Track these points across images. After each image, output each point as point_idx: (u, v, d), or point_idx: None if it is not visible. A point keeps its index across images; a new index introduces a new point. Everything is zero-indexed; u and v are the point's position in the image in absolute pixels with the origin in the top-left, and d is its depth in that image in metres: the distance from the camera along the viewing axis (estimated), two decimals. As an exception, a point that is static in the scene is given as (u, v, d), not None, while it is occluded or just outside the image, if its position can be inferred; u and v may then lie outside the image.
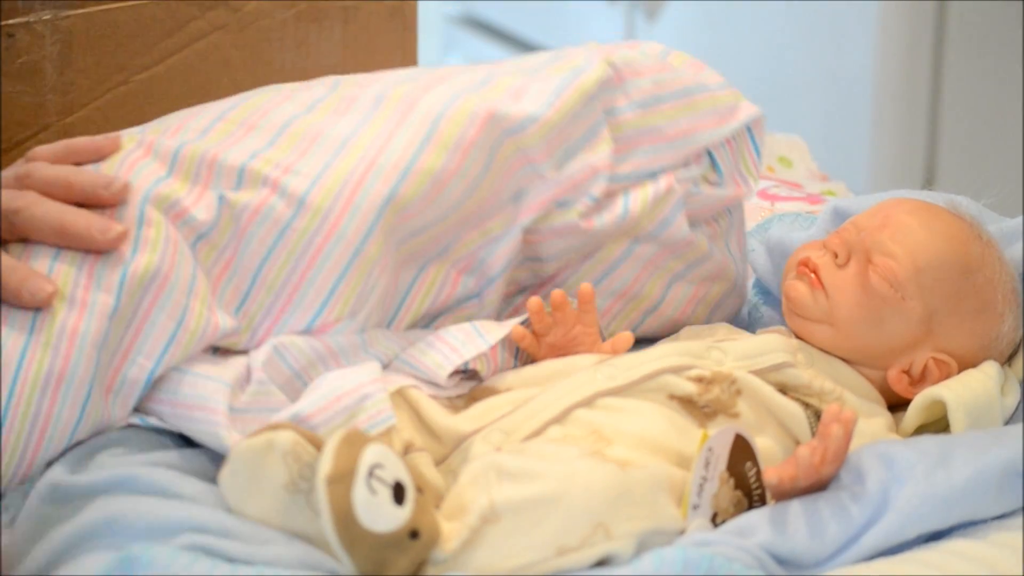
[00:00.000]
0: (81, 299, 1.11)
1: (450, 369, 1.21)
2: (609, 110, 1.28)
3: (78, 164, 1.19)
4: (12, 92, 1.44)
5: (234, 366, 1.16)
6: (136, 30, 1.50)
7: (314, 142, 1.21)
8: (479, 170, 1.22)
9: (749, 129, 1.33)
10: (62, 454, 1.12)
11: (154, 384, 1.15)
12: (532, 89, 1.26)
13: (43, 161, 1.18)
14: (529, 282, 1.32)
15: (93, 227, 1.13)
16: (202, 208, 1.17)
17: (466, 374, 1.24)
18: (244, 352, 1.19)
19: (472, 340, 1.23)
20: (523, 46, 3.42)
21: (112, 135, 1.21)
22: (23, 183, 1.15)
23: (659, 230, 1.30)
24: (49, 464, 1.11)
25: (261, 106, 1.25)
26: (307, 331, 1.19)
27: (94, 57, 1.48)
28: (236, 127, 1.23)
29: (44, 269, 1.12)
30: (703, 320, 1.38)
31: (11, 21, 1.42)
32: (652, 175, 1.30)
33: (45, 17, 1.43)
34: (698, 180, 1.32)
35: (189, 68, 1.54)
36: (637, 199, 1.29)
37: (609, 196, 1.29)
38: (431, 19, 3.38)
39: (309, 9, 1.59)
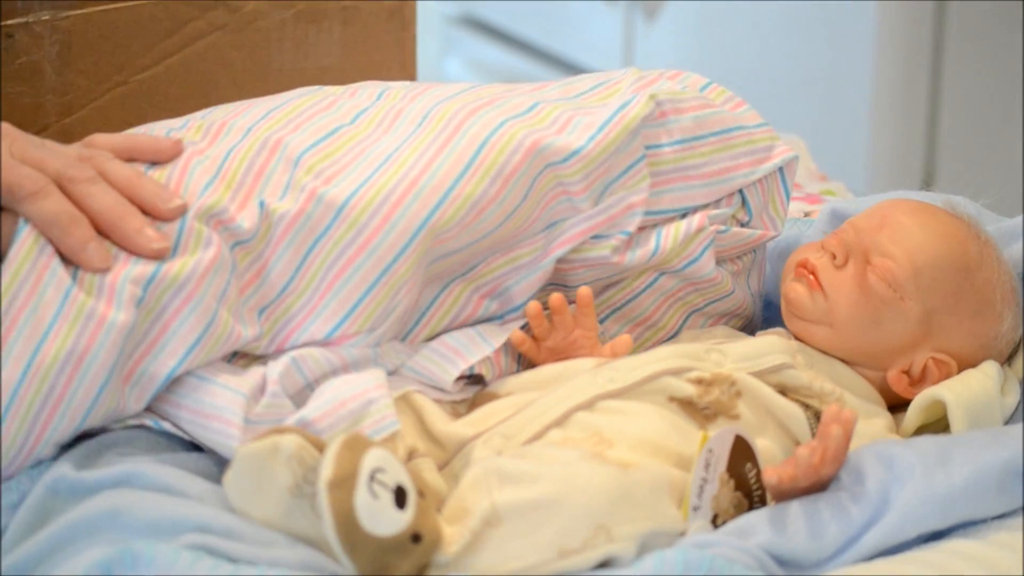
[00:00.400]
0: (111, 286, 1.11)
1: (456, 374, 1.21)
2: (650, 145, 1.28)
3: (133, 161, 1.19)
4: (11, 93, 1.44)
5: (252, 376, 1.16)
6: (135, 31, 1.50)
7: (357, 157, 1.21)
8: (518, 199, 1.22)
9: (781, 170, 1.34)
10: (71, 445, 1.12)
11: (172, 387, 1.15)
12: (577, 122, 1.26)
13: (105, 151, 1.18)
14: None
15: (159, 194, 1.15)
16: (246, 216, 1.17)
17: (471, 379, 1.24)
18: (261, 357, 1.19)
19: (476, 344, 1.23)
20: (522, 46, 3.42)
21: (173, 139, 1.21)
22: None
23: (685, 266, 1.30)
24: (55, 457, 1.11)
25: (306, 109, 1.25)
26: (325, 341, 1.19)
27: (93, 58, 1.48)
28: (281, 125, 1.23)
29: None
30: None
31: (10, 22, 1.42)
32: (685, 212, 1.31)
33: (44, 18, 1.43)
34: (728, 219, 1.33)
35: (188, 69, 1.54)
36: (669, 236, 1.29)
37: (642, 231, 1.29)
38: (430, 19, 3.38)
39: (308, 9, 1.59)
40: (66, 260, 1.12)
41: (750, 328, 1.39)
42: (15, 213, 1.12)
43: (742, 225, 1.34)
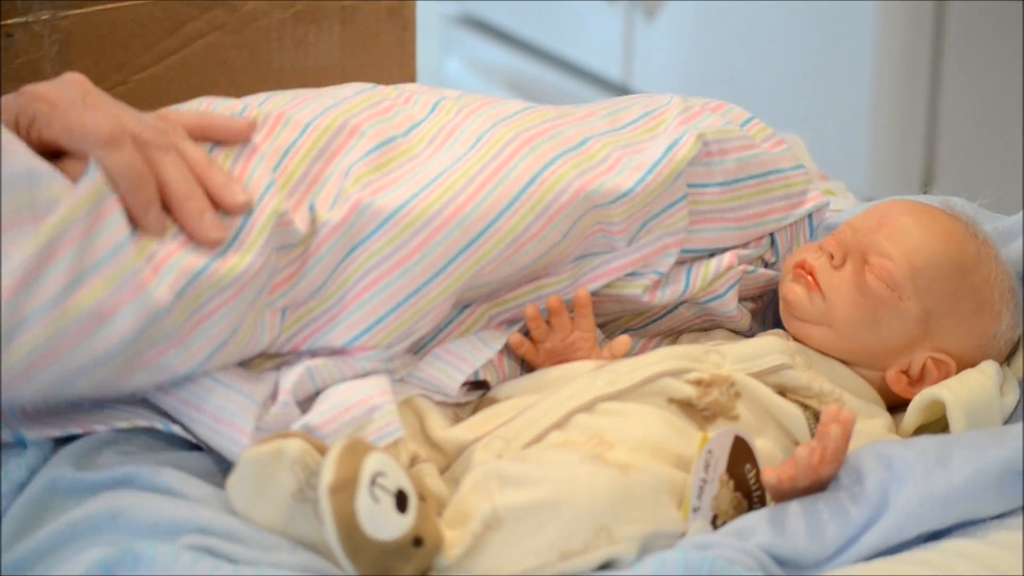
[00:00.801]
0: (160, 261, 1.10)
1: (461, 380, 1.21)
2: (693, 184, 1.29)
3: (206, 140, 1.18)
4: (11, 92, 1.44)
5: (265, 383, 1.16)
6: (134, 30, 1.50)
7: (407, 174, 1.20)
8: (558, 237, 1.23)
9: (810, 220, 1.35)
10: (68, 440, 1.12)
11: (185, 385, 1.14)
12: (627, 163, 1.26)
13: (181, 128, 1.16)
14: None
15: (227, 185, 1.14)
16: (300, 219, 1.17)
17: (475, 384, 1.25)
18: (273, 357, 1.19)
19: (478, 349, 1.23)
20: (522, 46, 3.42)
21: (248, 120, 1.19)
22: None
23: (708, 301, 1.31)
24: (53, 451, 1.11)
25: (362, 111, 1.24)
26: (341, 349, 1.18)
27: (92, 57, 1.48)
28: (336, 130, 1.22)
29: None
30: None
31: (10, 21, 1.42)
32: (716, 252, 1.31)
33: (44, 17, 1.43)
34: (755, 260, 1.33)
35: (187, 68, 1.54)
36: (699, 274, 1.30)
37: (672, 268, 1.30)
38: (430, 19, 3.37)
39: (307, 9, 1.59)
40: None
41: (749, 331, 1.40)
42: (83, 160, 1.10)
43: (767, 266, 1.35)
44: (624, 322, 1.33)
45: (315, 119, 1.22)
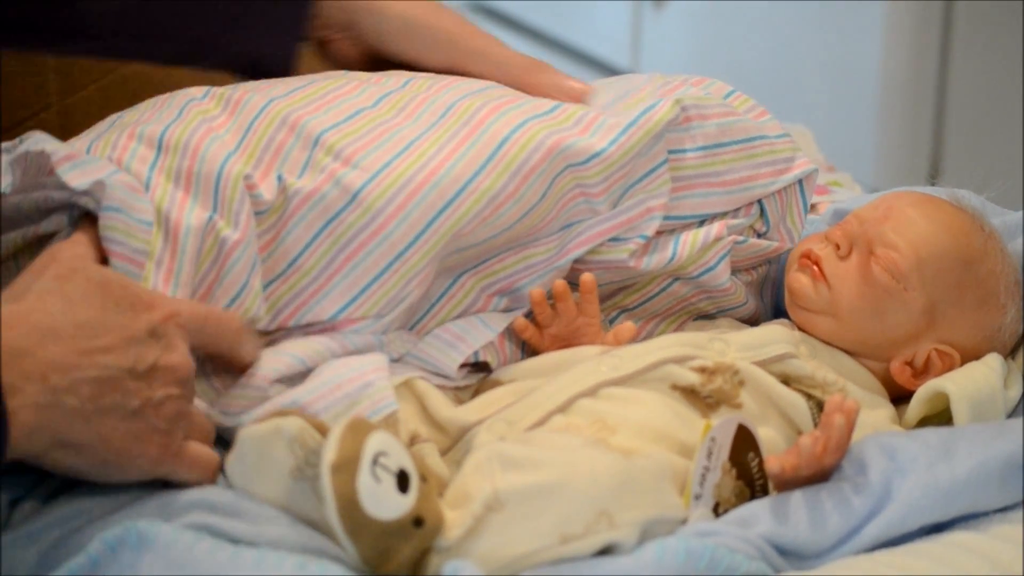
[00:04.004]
0: (181, 204, 1.13)
1: (460, 360, 1.21)
2: (673, 150, 1.28)
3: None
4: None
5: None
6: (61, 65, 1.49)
7: (379, 138, 1.21)
8: (536, 198, 1.22)
9: (800, 183, 1.34)
10: None
11: None
12: (602, 122, 1.26)
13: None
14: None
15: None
16: (266, 188, 1.18)
17: (475, 367, 1.25)
18: (263, 335, 1.19)
19: (478, 330, 1.23)
20: (531, 34, 3.42)
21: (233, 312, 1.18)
22: None
23: (700, 275, 1.30)
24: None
25: (329, 91, 1.25)
26: (330, 322, 1.19)
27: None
28: (302, 104, 1.23)
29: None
30: None
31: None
32: (704, 219, 1.31)
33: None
34: (746, 229, 1.33)
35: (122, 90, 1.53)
36: (687, 243, 1.29)
37: (660, 236, 1.29)
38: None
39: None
40: None
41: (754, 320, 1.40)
42: None
43: (759, 236, 1.34)
44: (619, 301, 1.32)
45: (277, 99, 1.23)
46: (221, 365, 1.15)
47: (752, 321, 1.36)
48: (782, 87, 2.93)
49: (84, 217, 1.13)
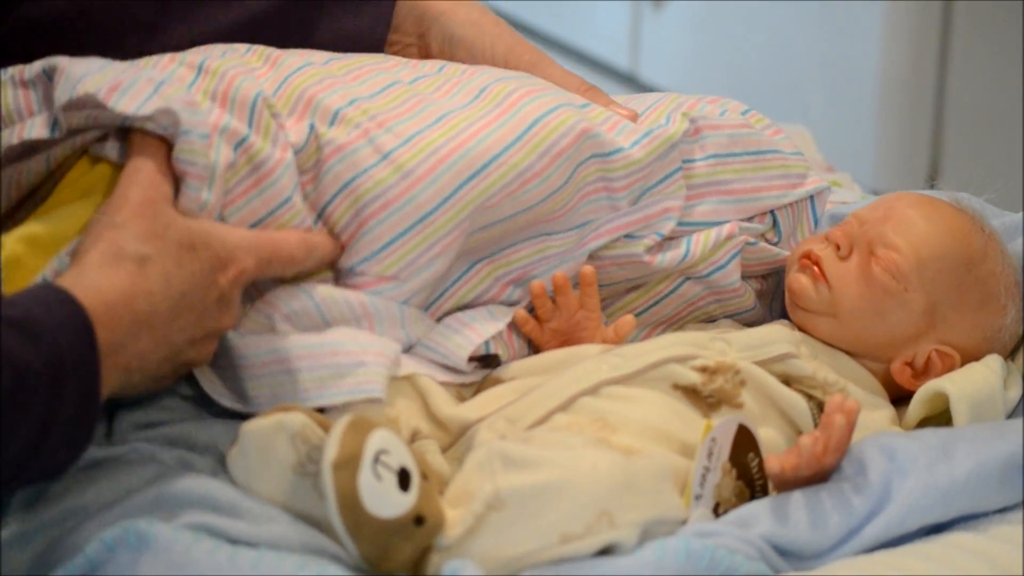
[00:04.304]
0: (219, 116, 1.15)
1: (470, 348, 1.21)
2: (685, 160, 1.30)
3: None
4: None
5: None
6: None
7: (412, 109, 1.23)
8: (561, 180, 1.24)
9: (812, 199, 1.35)
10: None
11: None
12: (625, 126, 1.29)
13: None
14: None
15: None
16: (294, 132, 1.20)
17: (484, 361, 1.25)
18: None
19: (487, 321, 1.24)
20: (531, 34, 3.42)
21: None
22: None
23: (710, 273, 1.31)
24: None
25: (366, 64, 1.27)
26: (349, 272, 1.20)
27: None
28: (341, 74, 1.25)
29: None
30: None
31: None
32: (717, 225, 1.32)
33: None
34: (758, 236, 1.34)
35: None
36: (700, 241, 1.30)
37: (673, 239, 1.31)
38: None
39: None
40: None
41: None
42: None
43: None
44: (630, 302, 1.33)
45: (318, 64, 1.25)
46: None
47: (755, 325, 1.37)
48: (781, 87, 2.93)
49: (129, 134, 1.15)
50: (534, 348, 1.28)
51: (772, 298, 1.38)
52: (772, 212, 1.34)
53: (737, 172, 1.32)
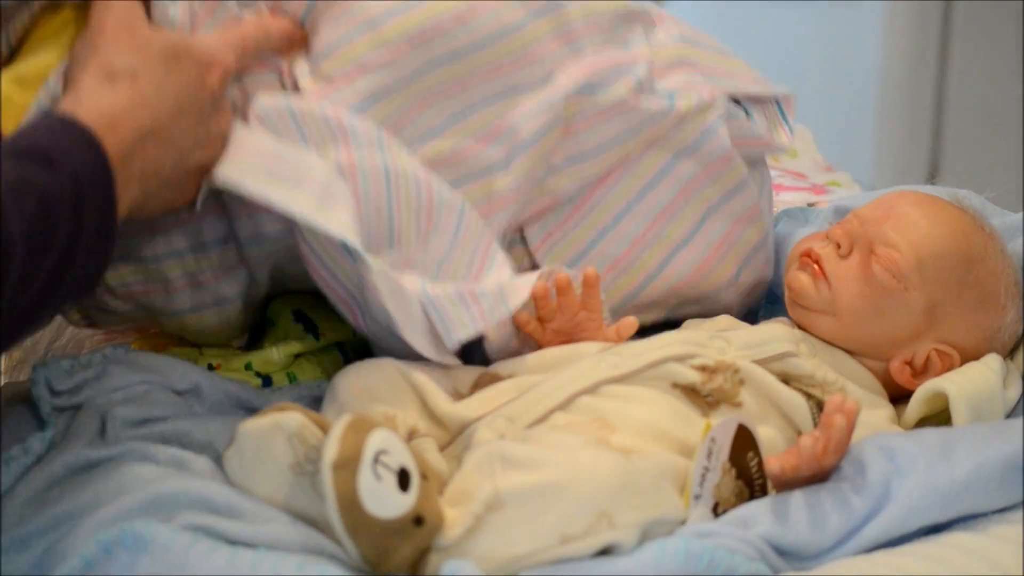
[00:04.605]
0: None
1: (473, 332, 1.20)
2: (648, 37, 1.33)
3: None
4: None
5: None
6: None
7: None
8: (516, 19, 1.25)
9: (780, 108, 1.37)
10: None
11: None
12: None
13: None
14: (572, 192, 1.32)
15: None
16: None
17: (463, 355, 1.24)
18: None
19: (496, 306, 1.22)
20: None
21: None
22: None
23: (701, 140, 1.32)
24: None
25: None
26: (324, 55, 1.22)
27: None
28: None
29: None
30: (731, 276, 1.38)
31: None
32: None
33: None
34: (736, 114, 1.35)
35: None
36: (682, 98, 1.32)
37: (654, 92, 1.32)
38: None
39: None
40: None
41: (768, 254, 1.40)
42: None
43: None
44: (624, 188, 1.33)
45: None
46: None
47: (753, 219, 1.38)
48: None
49: None
50: (536, 348, 1.28)
51: (761, 187, 1.39)
52: (743, 106, 1.35)
53: (704, 57, 1.35)
